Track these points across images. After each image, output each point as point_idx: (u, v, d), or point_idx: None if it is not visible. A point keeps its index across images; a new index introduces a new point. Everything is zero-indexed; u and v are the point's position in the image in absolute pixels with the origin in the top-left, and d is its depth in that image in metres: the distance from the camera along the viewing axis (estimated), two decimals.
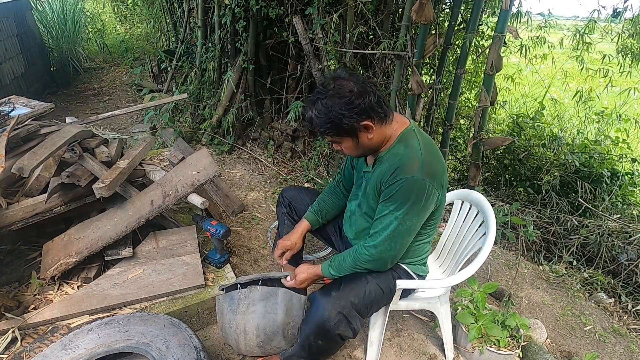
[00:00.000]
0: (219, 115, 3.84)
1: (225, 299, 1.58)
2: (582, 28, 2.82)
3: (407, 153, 1.35)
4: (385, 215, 1.36)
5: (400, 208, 1.33)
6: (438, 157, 1.40)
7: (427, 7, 2.34)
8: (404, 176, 1.31)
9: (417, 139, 1.38)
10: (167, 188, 2.08)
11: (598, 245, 2.69)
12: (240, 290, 1.57)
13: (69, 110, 4.80)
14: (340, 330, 1.36)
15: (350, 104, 1.26)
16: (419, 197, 1.32)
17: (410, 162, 1.33)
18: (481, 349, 1.71)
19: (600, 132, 3.66)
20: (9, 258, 2.04)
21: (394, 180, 1.33)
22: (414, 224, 1.37)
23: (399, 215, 1.33)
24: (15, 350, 1.55)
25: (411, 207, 1.33)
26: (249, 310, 1.53)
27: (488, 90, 2.49)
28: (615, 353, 1.98)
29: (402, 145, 1.38)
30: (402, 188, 1.32)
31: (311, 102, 1.31)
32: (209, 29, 4.08)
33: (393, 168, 1.34)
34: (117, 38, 7.27)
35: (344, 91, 1.27)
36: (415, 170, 1.31)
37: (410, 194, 1.31)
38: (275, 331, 1.54)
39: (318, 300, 1.39)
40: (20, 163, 1.73)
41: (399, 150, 1.37)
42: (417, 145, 1.36)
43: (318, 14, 3.05)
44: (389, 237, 1.36)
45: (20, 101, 2.64)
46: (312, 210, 1.77)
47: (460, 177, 3.70)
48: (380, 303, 1.52)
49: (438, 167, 1.37)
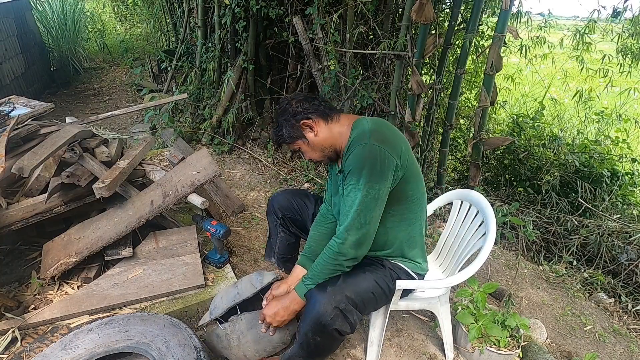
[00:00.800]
0: (219, 115, 3.84)
1: (212, 337, 1.52)
2: (582, 28, 2.82)
3: (357, 133, 1.41)
4: (349, 193, 1.37)
5: (358, 179, 1.34)
6: (389, 127, 1.46)
7: (427, 7, 2.34)
8: (354, 148, 1.37)
9: (366, 120, 1.45)
10: (167, 188, 2.08)
11: (598, 245, 2.69)
12: (224, 326, 1.51)
13: (69, 110, 4.80)
14: (337, 325, 1.35)
15: (288, 112, 1.48)
16: (373, 163, 1.33)
17: (358, 136, 1.39)
18: (481, 349, 1.71)
19: (600, 132, 3.66)
20: (9, 258, 2.04)
21: (347, 156, 1.39)
22: (377, 191, 1.34)
23: (360, 187, 1.33)
24: (15, 350, 1.55)
25: (369, 175, 1.32)
26: (242, 342, 1.50)
27: (488, 90, 2.49)
28: (615, 353, 1.98)
29: (354, 131, 1.43)
30: (354, 159, 1.35)
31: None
32: (209, 29, 4.08)
33: (349, 152, 1.40)
34: (117, 38, 7.27)
35: (283, 105, 1.51)
36: (362, 138, 1.37)
37: (363, 161, 1.33)
38: (275, 346, 1.52)
39: (314, 296, 1.38)
40: (20, 163, 1.73)
41: (352, 136, 1.43)
42: (365, 123, 1.43)
43: (318, 14, 3.05)
44: (357, 213, 1.34)
45: (20, 101, 2.64)
46: (306, 254, 1.64)
47: (460, 177, 3.71)
48: (379, 302, 1.51)
49: (388, 134, 1.41)
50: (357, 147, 1.36)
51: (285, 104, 1.52)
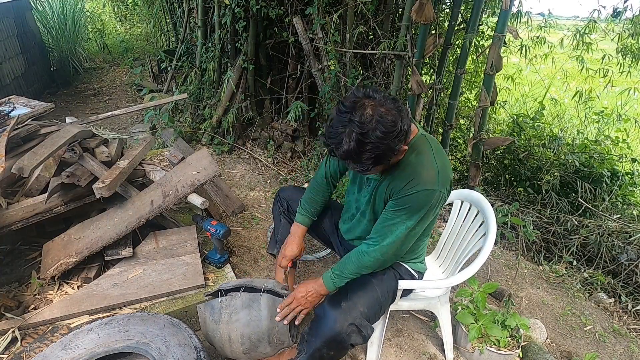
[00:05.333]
0: (219, 115, 3.84)
1: (207, 308, 1.55)
2: (582, 28, 2.82)
3: (422, 162, 1.31)
4: (395, 223, 1.34)
5: (412, 217, 1.33)
6: (448, 160, 1.39)
7: (427, 7, 2.34)
8: (420, 188, 1.29)
9: (429, 145, 1.34)
10: (167, 188, 2.08)
11: (598, 245, 2.69)
12: (221, 298, 1.54)
13: (69, 110, 4.80)
14: (353, 339, 1.36)
15: (396, 134, 1.15)
16: (432, 207, 1.33)
17: (426, 173, 1.29)
18: (481, 349, 1.71)
19: (600, 132, 3.65)
20: (9, 258, 2.04)
21: (409, 192, 1.30)
22: (422, 228, 1.38)
23: (410, 225, 1.34)
24: (15, 350, 1.55)
25: (423, 216, 1.34)
26: (232, 320, 1.50)
27: (488, 90, 2.49)
28: (615, 353, 1.98)
29: (414, 154, 1.33)
30: (418, 200, 1.30)
31: (347, 135, 1.15)
32: (209, 29, 4.08)
33: (408, 179, 1.30)
34: (117, 38, 7.26)
35: (387, 122, 1.14)
36: (432, 182, 1.29)
37: (426, 204, 1.31)
38: (260, 338, 1.52)
39: (328, 312, 1.37)
40: (20, 163, 1.73)
41: (411, 160, 1.32)
42: (430, 153, 1.32)
43: (318, 14, 3.05)
44: (395, 242, 1.36)
45: (20, 101, 2.63)
46: (306, 212, 1.71)
47: (460, 177, 3.70)
48: (386, 307, 1.53)
49: (449, 171, 1.36)
50: (426, 191, 1.28)
51: (389, 125, 1.14)
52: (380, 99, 1.18)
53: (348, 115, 1.15)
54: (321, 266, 2.35)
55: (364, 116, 1.14)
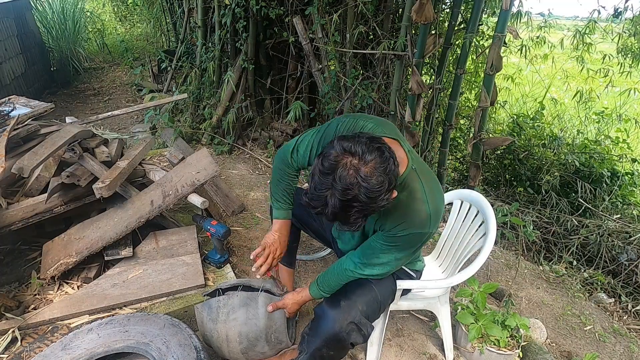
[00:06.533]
0: (219, 115, 3.84)
1: (204, 307, 1.55)
2: (582, 28, 2.82)
3: (413, 205, 1.25)
4: (384, 252, 1.35)
5: (402, 252, 1.35)
6: (440, 192, 1.32)
7: (427, 7, 2.34)
8: (412, 231, 1.27)
9: (419, 182, 1.26)
10: (167, 188, 2.08)
11: (598, 245, 2.69)
12: (219, 298, 1.55)
13: (69, 110, 4.80)
14: (353, 338, 1.36)
15: (384, 193, 1.07)
16: (423, 242, 1.37)
17: (418, 217, 1.25)
18: (481, 349, 1.70)
19: (600, 132, 3.66)
20: (9, 258, 2.04)
21: (400, 234, 1.28)
22: (408, 258, 1.42)
23: (399, 257, 1.36)
24: (15, 350, 1.55)
25: (414, 251, 1.38)
26: (229, 319, 1.51)
27: (488, 90, 2.49)
28: (615, 353, 1.98)
29: (405, 192, 1.25)
30: (409, 240, 1.31)
31: (331, 197, 1.07)
32: (209, 29, 4.08)
33: (398, 221, 1.26)
34: (117, 38, 7.26)
35: (372, 186, 1.04)
36: (424, 225, 1.26)
37: (417, 244, 1.35)
38: (258, 337, 1.52)
39: (327, 312, 1.38)
40: (20, 163, 1.73)
41: (402, 199, 1.24)
42: (421, 192, 1.25)
43: (318, 14, 3.05)
44: (381, 268, 1.38)
45: (20, 101, 2.64)
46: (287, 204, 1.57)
47: (460, 177, 3.71)
48: (386, 306, 1.53)
49: (441, 207, 1.31)
50: (418, 234, 1.28)
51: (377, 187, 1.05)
52: (363, 153, 1.06)
53: (330, 178, 1.06)
54: (321, 266, 2.35)
55: (346, 180, 1.04)
